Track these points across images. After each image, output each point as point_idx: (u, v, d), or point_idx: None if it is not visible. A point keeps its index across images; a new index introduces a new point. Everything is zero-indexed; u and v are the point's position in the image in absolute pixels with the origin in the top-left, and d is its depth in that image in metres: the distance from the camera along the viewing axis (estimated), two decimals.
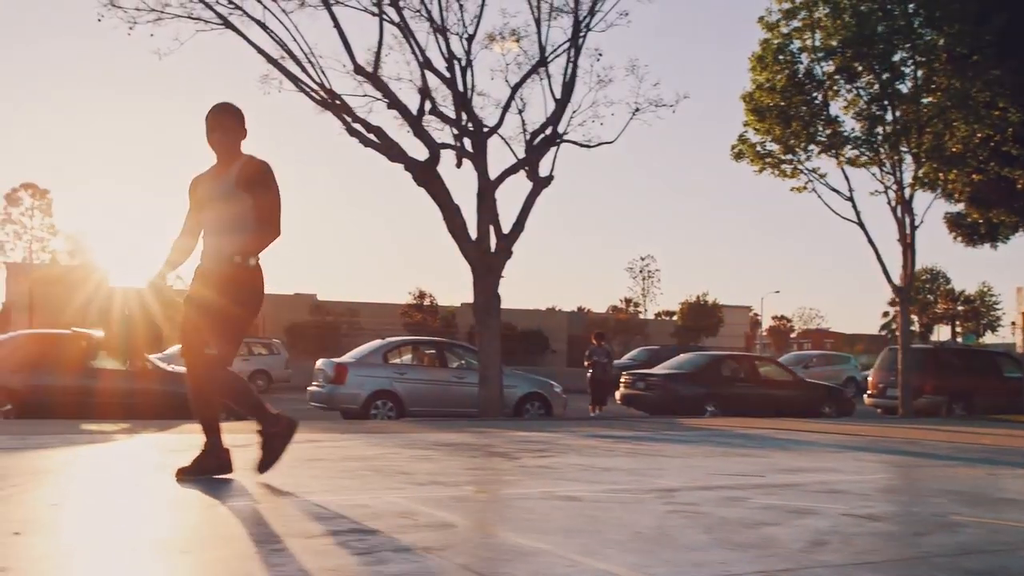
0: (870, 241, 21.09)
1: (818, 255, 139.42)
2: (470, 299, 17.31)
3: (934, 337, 75.46)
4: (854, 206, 20.77)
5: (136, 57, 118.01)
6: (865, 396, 23.64)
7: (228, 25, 15.48)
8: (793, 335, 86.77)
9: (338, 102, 16.33)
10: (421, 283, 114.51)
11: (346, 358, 17.85)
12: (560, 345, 58.02)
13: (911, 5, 19.36)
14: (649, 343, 63.31)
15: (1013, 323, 74.40)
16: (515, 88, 16.84)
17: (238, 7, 15.93)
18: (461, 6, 16.73)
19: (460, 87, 16.49)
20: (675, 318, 72.76)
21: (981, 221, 23.40)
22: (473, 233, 16.75)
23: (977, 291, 73.52)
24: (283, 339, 48.28)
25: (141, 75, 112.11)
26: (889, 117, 19.92)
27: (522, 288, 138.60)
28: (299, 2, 16.15)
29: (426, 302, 49.92)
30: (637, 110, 18.21)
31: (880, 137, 19.36)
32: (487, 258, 16.79)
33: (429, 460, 7.43)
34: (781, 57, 19.86)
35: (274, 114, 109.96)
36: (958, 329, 73.13)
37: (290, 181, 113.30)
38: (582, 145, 17.84)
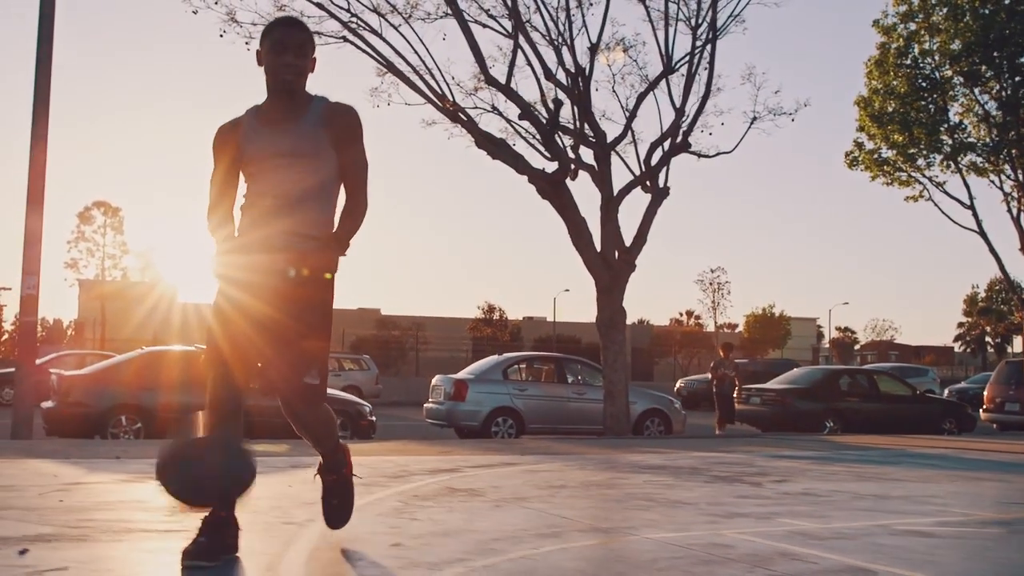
0: (993, 251, 20.39)
1: (889, 266, 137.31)
2: (533, 313, 16.89)
3: (1011, 349, 73.72)
4: (975, 215, 20.08)
5: (213, 73, 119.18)
6: (980, 411, 22.84)
7: (355, 34, 15.24)
8: (857, 347, 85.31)
9: (463, 116, 16.03)
10: (488, 297, 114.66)
11: (464, 374, 17.51)
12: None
13: None
14: (716, 356, 62.63)
15: None
16: (641, 97, 16.42)
17: (357, 18, 15.69)
18: (583, 17, 16.36)
19: (583, 99, 16.11)
20: (739, 330, 71.83)
21: None
22: (598, 247, 16.33)
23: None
24: (347, 352, 48.36)
25: (221, 90, 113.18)
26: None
27: (581, 301, 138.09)
28: (425, 14, 15.87)
29: (495, 316, 49.51)
30: (755, 119, 17.70)
31: (1012, 143, 18.63)
32: (612, 272, 16.36)
33: (680, 487, 6.91)
34: (902, 62, 19.23)
35: None
36: None
37: None
38: (701, 156, 17.36)
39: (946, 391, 31.40)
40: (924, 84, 19.35)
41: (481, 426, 16.47)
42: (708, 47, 16.28)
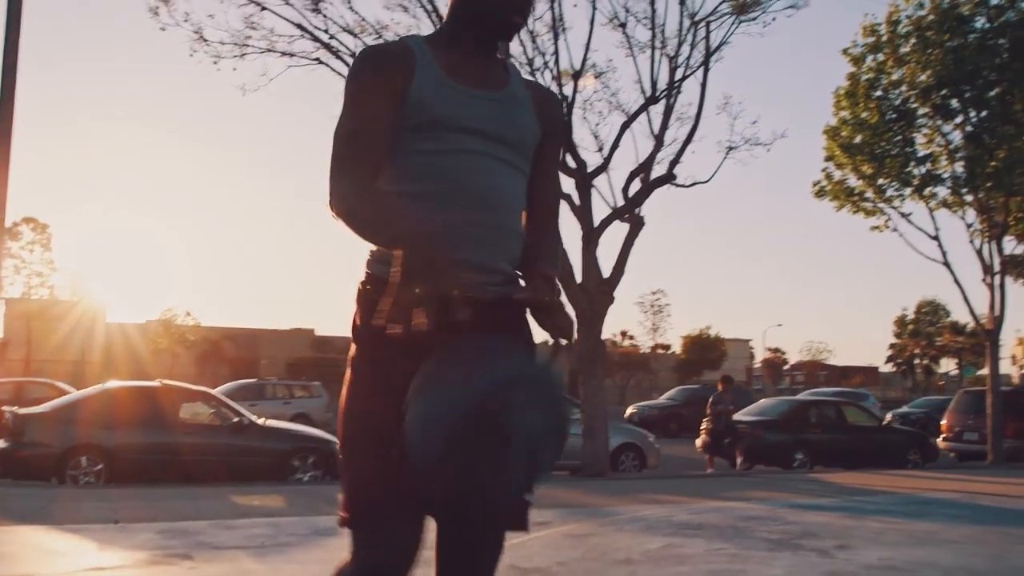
0: (957, 282, 20.52)
1: (825, 289, 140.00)
2: None
3: (939, 370, 75.37)
4: (940, 246, 20.16)
5: (149, 89, 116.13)
6: (940, 440, 22.92)
7: (334, 54, 14.62)
8: (786, 367, 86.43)
9: None
10: None
11: None
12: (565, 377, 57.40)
13: (1003, 39, 18.83)
14: (653, 379, 62.64)
15: (1013, 356, 74.70)
16: (624, 126, 16.05)
17: (335, 38, 15.07)
18: (557, 44, 15.96)
19: (567, 128, 15.71)
20: (671, 351, 72.17)
21: None
22: (578, 279, 15.89)
23: (973, 325, 73.32)
24: (283, 375, 47.15)
25: (156, 107, 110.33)
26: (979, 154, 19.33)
27: None
28: (397, 36, 15.28)
29: None
30: (731, 148, 17.47)
31: (980, 178, 18.70)
32: (593, 304, 15.93)
33: (751, 559, 6.45)
34: (871, 93, 19.22)
35: (263, 137, 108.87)
36: (955, 363, 73.27)
37: (284, 213, 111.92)
38: (679, 186, 17.06)
39: (888, 415, 31.66)
40: (893, 115, 19.35)
41: None
42: (701, 74, 15.99)
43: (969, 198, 19.79)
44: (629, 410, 33.17)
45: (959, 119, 19.30)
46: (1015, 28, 18.59)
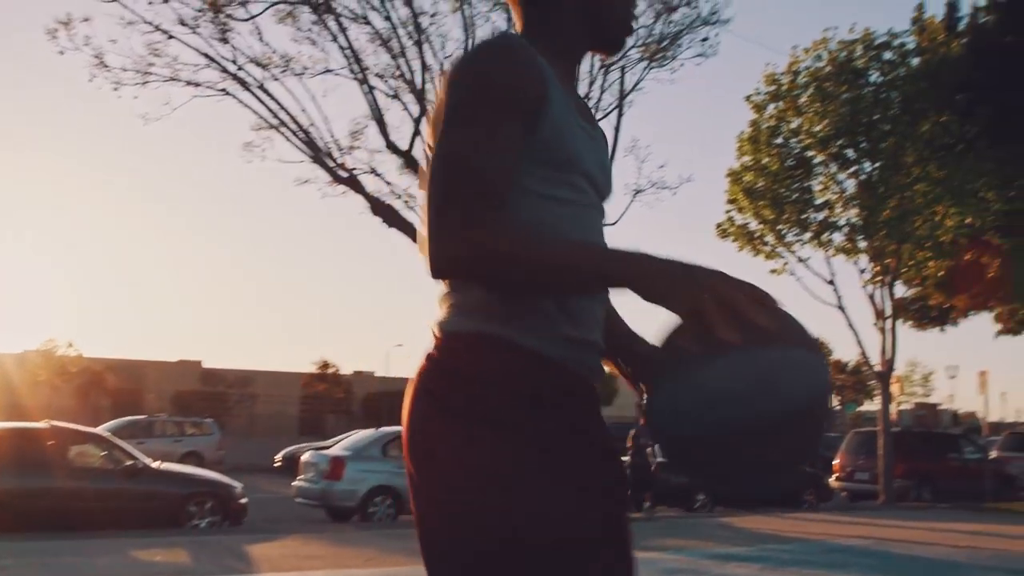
0: (851, 326, 21.10)
1: None
2: (363, 367, 16.26)
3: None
4: (835, 291, 20.75)
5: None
6: (832, 479, 23.46)
7: (242, 84, 14.24)
8: None
9: (344, 175, 15.23)
10: (319, 350, 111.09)
11: (341, 451, 16.49)
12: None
13: (895, 93, 19.58)
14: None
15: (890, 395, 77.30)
16: None
17: (243, 69, 14.68)
18: None
19: None
20: None
21: (944, 306, 23.81)
22: None
23: (856, 362, 76.38)
24: (169, 409, 45.67)
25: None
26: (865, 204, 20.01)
27: (412, 355, 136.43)
28: (302, 68, 15.02)
29: (329, 371, 48.03)
30: (638, 191, 17.70)
31: (874, 226, 19.34)
32: None
33: None
34: (772, 140, 19.74)
35: (152, 165, 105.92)
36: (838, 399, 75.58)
37: (170, 241, 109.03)
38: None
39: None
40: (792, 163, 19.89)
41: (358, 506, 15.52)
42: (614, 117, 16.18)
43: (863, 245, 20.43)
44: None
45: (854, 168, 19.97)
46: (906, 83, 19.38)
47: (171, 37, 13.98)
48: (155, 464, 13.97)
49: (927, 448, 23.99)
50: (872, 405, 76.89)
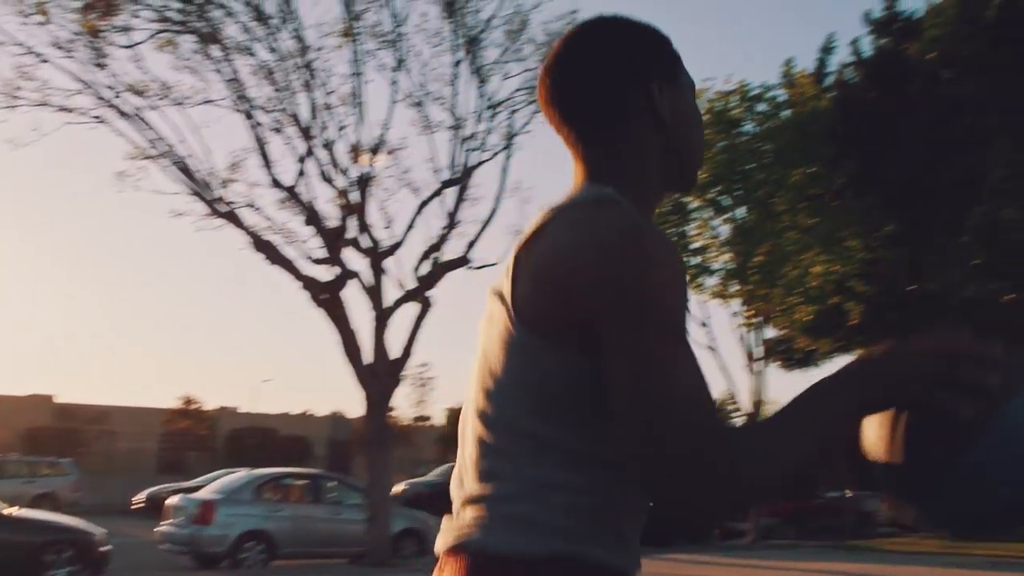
0: (722, 367, 21.59)
1: None
2: (228, 403, 15.94)
3: None
4: (708, 333, 21.22)
5: None
6: None
7: (119, 112, 13.63)
8: None
9: (223, 210, 14.76)
10: (181, 385, 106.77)
11: (210, 494, 15.82)
12: (321, 450, 56.22)
13: (768, 143, 20.27)
14: (418, 453, 62.08)
15: None
16: (423, 205, 15.89)
17: (120, 96, 14.09)
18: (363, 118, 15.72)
19: (362, 207, 15.39)
20: (433, 424, 71.94)
21: (810, 349, 24.62)
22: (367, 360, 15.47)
23: (720, 402, 78.35)
24: (20, 447, 43.26)
25: None
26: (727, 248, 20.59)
27: (277, 390, 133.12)
28: (184, 97, 14.54)
29: (192, 407, 46.41)
30: (519, 232, 17.72)
31: (747, 271, 19.90)
32: (382, 386, 15.52)
33: None
34: None
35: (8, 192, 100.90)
36: None
37: (19, 268, 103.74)
38: (472, 268, 17.05)
39: None
40: (669, 208, 20.30)
41: (228, 552, 14.90)
42: (502, 158, 16.17)
43: (736, 289, 21.00)
44: (398, 487, 32.50)
45: (728, 215, 20.54)
46: (778, 134, 20.09)
47: (44, 61, 13.29)
48: (7, 510, 13.06)
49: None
50: None
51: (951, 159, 18.94)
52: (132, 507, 25.48)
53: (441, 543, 1.38)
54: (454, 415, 70.07)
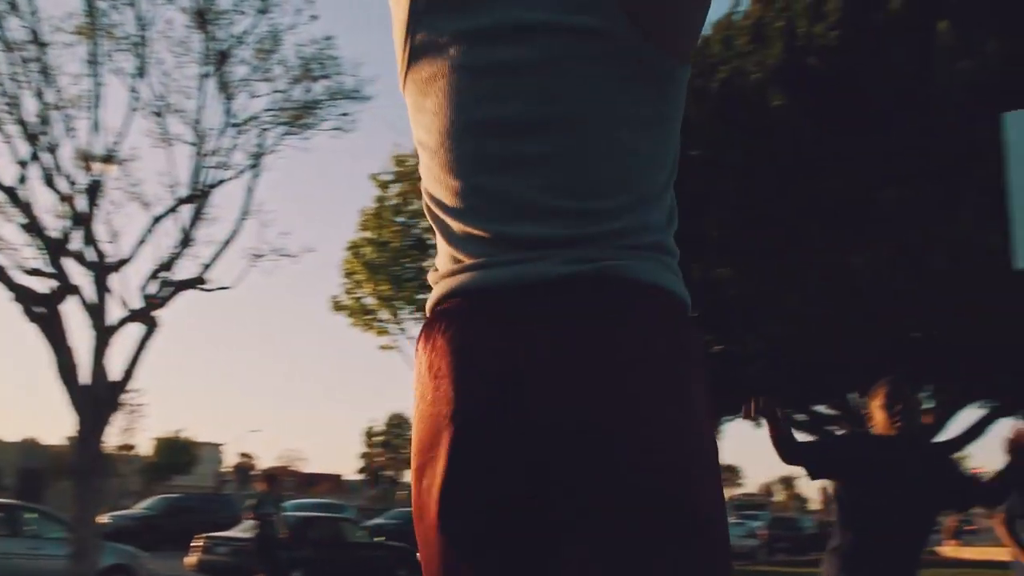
0: None
1: (308, 397, 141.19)
2: None
3: (405, 480, 79.28)
4: None
5: None
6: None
7: None
8: (253, 472, 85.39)
9: None
10: None
11: None
12: (10, 480, 51.96)
13: None
14: (123, 484, 58.39)
15: None
16: (158, 220, 14.97)
17: None
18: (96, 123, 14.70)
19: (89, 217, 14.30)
20: (138, 453, 67.95)
21: None
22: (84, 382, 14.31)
23: None
24: None
25: None
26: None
27: None
28: None
29: None
30: (258, 256, 17.16)
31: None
32: (99, 410, 14.38)
33: None
34: (398, 219, 20.18)
35: None
36: None
37: None
38: (205, 290, 16.27)
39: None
40: (413, 242, 20.39)
41: None
42: (247, 177, 15.55)
43: None
44: (101, 519, 30.26)
45: None
46: None
47: None
48: None
49: None
50: None
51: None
52: None
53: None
54: (164, 445, 66.55)
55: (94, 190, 14.52)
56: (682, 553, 1.22)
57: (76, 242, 14.40)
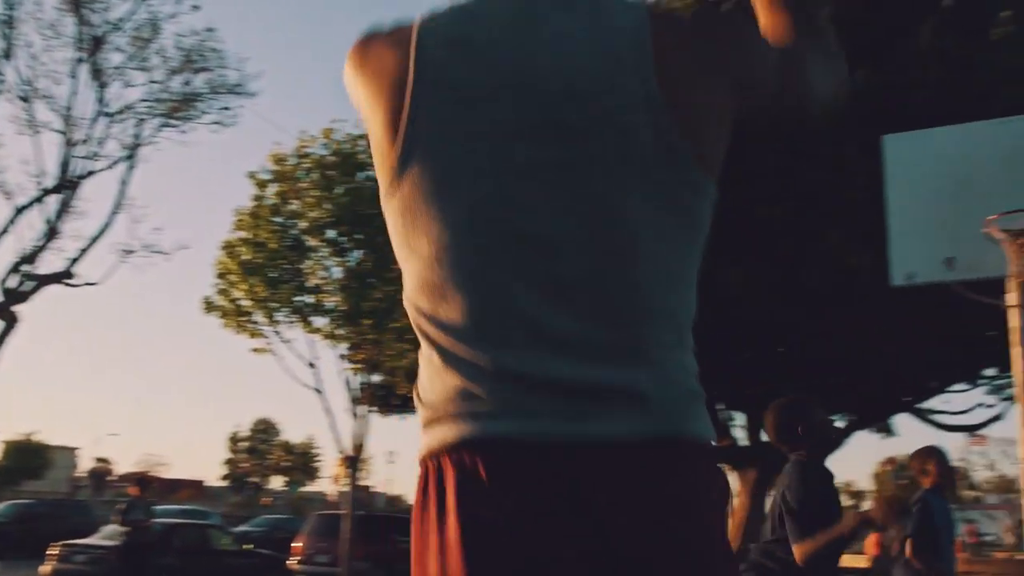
0: (327, 409, 21.51)
1: (171, 401, 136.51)
2: None
3: (270, 486, 77.56)
4: (316, 374, 21.11)
5: None
6: (291, 560, 23.37)
7: None
8: (111, 478, 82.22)
9: None
10: None
11: None
12: None
13: None
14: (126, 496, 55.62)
15: (336, 476, 79.73)
16: (21, 210, 14.33)
17: None
18: None
19: None
20: None
21: (409, 395, 25.22)
22: None
23: (303, 442, 77.73)
24: None
25: None
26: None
27: None
28: None
29: None
30: (129, 252, 16.67)
31: (360, 314, 20.04)
32: None
33: None
34: (275, 219, 19.77)
35: None
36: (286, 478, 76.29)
37: None
38: (71, 285, 15.68)
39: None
40: (290, 244, 20.01)
41: None
42: (121, 170, 15.04)
43: (343, 331, 21.00)
44: None
45: (344, 257, 20.59)
46: None
47: None
48: None
49: (384, 531, 24.98)
50: (316, 486, 78.81)
51: None
52: None
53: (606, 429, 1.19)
54: (15, 448, 63.45)
55: None
56: None
57: None
